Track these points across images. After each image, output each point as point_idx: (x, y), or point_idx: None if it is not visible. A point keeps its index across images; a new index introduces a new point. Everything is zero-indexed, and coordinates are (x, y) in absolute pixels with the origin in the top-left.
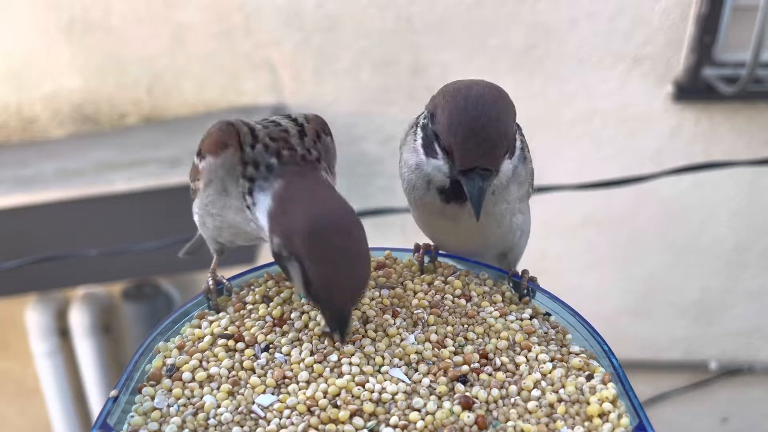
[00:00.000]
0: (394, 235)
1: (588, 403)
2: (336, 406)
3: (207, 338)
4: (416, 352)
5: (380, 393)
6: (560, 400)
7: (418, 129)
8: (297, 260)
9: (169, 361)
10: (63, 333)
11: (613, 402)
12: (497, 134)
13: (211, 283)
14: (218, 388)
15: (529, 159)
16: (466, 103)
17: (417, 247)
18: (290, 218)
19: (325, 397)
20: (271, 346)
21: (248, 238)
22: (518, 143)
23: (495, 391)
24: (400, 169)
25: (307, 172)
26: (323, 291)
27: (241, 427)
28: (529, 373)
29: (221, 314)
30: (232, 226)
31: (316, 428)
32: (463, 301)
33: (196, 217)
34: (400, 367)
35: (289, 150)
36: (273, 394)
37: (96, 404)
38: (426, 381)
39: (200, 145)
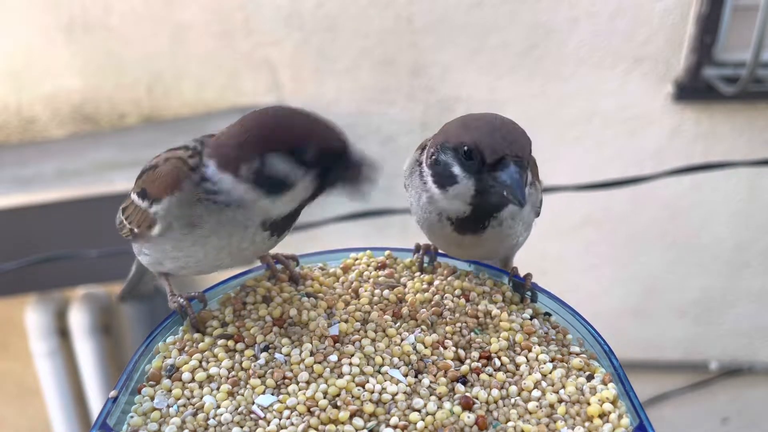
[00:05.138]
0: (394, 235)
1: (588, 404)
2: (336, 407)
3: (207, 338)
4: (416, 352)
5: (380, 393)
6: (560, 401)
7: (425, 167)
8: (286, 153)
9: (168, 362)
10: (63, 333)
11: (613, 402)
12: (521, 133)
13: (182, 300)
14: (218, 389)
15: (538, 188)
16: (484, 116)
17: (417, 248)
18: (246, 134)
19: (325, 398)
20: (270, 346)
21: (228, 263)
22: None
23: (495, 392)
24: (411, 207)
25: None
26: (319, 146)
27: (241, 427)
28: (530, 374)
29: (214, 323)
30: (207, 257)
31: (316, 429)
32: (463, 301)
33: (145, 259)
34: (399, 368)
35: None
36: (273, 394)
37: (96, 404)
38: (426, 381)
39: (143, 184)
